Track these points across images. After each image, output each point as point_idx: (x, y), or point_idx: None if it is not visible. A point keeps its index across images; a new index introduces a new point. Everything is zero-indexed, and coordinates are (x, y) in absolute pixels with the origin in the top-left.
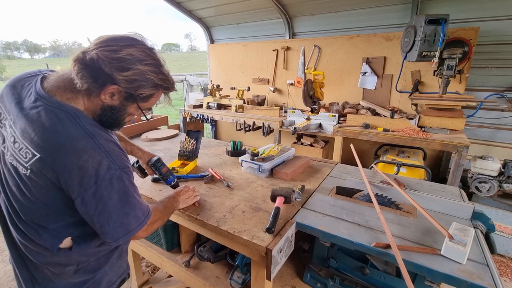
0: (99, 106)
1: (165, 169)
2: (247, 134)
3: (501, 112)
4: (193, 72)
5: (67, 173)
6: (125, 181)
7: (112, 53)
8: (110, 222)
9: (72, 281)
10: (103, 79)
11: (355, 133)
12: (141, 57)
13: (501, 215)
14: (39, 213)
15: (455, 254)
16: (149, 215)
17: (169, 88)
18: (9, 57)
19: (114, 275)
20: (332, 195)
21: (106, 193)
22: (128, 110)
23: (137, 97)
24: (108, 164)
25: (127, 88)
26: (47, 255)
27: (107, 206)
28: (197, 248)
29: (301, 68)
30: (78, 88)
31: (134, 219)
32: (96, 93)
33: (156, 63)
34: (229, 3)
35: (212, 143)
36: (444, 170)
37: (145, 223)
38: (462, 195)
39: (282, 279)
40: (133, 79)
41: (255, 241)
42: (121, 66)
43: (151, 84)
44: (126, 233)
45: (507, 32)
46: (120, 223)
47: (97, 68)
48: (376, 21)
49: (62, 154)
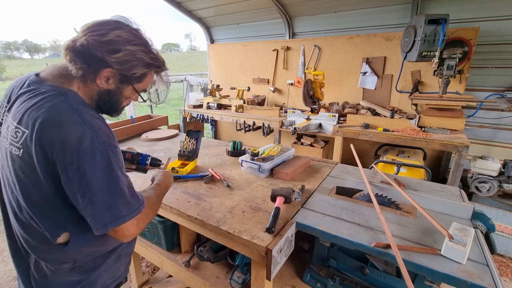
0: (96, 91)
1: (129, 154)
2: (247, 134)
3: (501, 112)
4: (193, 72)
5: (51, 147)
6: (111, 159)
7: (101, 37)
8: (96, 203)
9: (67, 279)
10: (96, 64)
11: (355, 133)
12: (129, 38)
13: (501, 215)
14: (35, 199)
15: (455, 254)
16: (144, 204)
17: (161, 66)
18: (9, 57)
19: (110, 278)
20: (332, 195)
21: (89, 168)
22: (124, 93)
23: (131, 77)
24: (91, 137)
25: (121, 70)
26: (45, 249)
27: (91, 184)
28: (197, 248)
29: (301, 68)
30: (74, 75)
31: (124, 204)
32: (91, 78)
33: (145, 43)
34: (229, 3)
35: (212, 143)
36: (444, 170)
37: (138, 212)
38: (462, 195)
39: (282, 279)
40: (125, 59)
41: (255, 241)
42: (111, 49)
43: (143, 63)
44: (115, 219)
45: (507, 32)
46: (107, 206)
47: (88, 54)
48: (376, 21)
49: (46, 127)
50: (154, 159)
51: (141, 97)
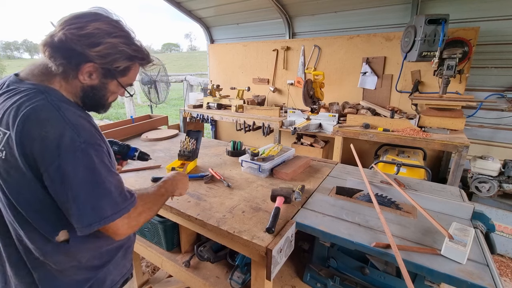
0: (79, 87)
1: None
2: (247, 134)
3: (501, 112)
4: (193, 72)
5: (32, 146)
6: (93, 158)
7: (79, 30)
8: (78, 203)
9: (75, 278)
10: (76, 59)
11: (355, 133)
12: (109, 30)
13: (501, 215)
14: (26, 201)
15: (455, 254)
16: (134, 203)
17: (145, 58)
18: (9, 57)
19: (118, 275)
20: (332, 195)
21: (70, 168)
22: (109, 88)
23: (115, 71)
24: (71, 136)
25: (103, 64)
26: (47, 250)
27: (72, 184)
28: (197, 248)
29: (301, 68)
30: (54, 72)
31: (109, 205)
32: (73, 74)
33: (126, 35)
34: (229, 3)
35: (212, 143)
36: (444, 170)
37: (126, 211)
38: (462, 195)
39: (282, 279)
40: (106, 53)
41: (255, 241)
42: (91, 42)
43: (125, 56)
44: (99, 220)
45: (507, 32)
46: (91, 206)
47: (68, 49)
48: (376, 21)
49: (26, 126)
50: (142, 153)
51: (127, 91)
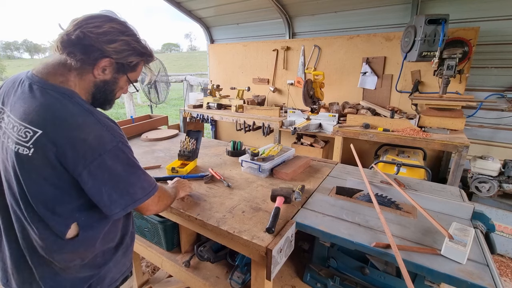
0: (92, 83)
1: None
2: (247, 134)
3: (501, 112)
4: (193, 72)
5: (71, 147)
6: (127, 153)
7: (97, 29)
8: (117, 191)
9: (78, 276)
10: (95, 54)
11: (355, 133)
12: (121, 29)
13: (501, 215)
14: (45, 196)
15: (455, 254)
16: (156, 188)
17: (151, 55)
18: (9, 57)
19: (118, 272)
20: (332, 195)
21: (111, 163)
22: (119, 83)
23: (127, 66)
24: (110, 137)
25: (118, 59)
26: (54, 248)
27: (113, 176)
28: (197, 248)
29: (301, 68)
30: (73, 66)
31: (140, 189)
32: (89, 70)
33: (135, 34)
34: (229, 3)
35: (212, 143)
36: (444, 170)
37: (152, 194)
38: (462, 195)
39: (282, 279)
40: (122, 49)
41: (255, 241)
42: (108, 39)
43: (137, 53)
44: (133, 202)
45: (507, 32)
46: (126, 192)
47: (86, 45)
48: (376, 21)
49: (64, 128)
50: None
51: (134, 86)
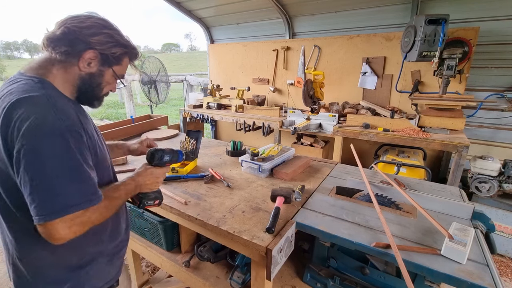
0: (77, 76)
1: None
2: (247, 134)
3: (501, 112)
4: (193, 72)
5: (11, 126)
6: (70, 144)
7: (80, 23)
8: (43, 188)
9: (49, 279)
10: (79, 46)
11: (355, 133)
12: (104, 24)
13: (501, 215)
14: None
15: (455, 254)
16: (101, 198)
17: (134, 49)
18: (9, 57)
19: (100, 281)
20: (332, 195)
21: (46, 151)
22: (105, 77)
23: (112, 58)
24: (53, 120)
25: (102, 50)
26: (24, 244)
27: (44, 166)
28: (197, 248)
29: (301, 68)
30: (57, 59)
31: (78, 191)
32: (74, 62)
33: (117, 29)
34: (229, 3)
35: (212, 143)
36: (444, 170)
37: (95, 203)
38: (462, 195)
39: (282, 279)
40: (106, 40)
41: (255, 241)
42: (91, 32)
43: (120, 44)
44: (64, 207)
45: (507, 32)
46: (56, 192)
47: (71, 38)
48: (376, 21)
49: (10, 108)
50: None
51: (121, 81)
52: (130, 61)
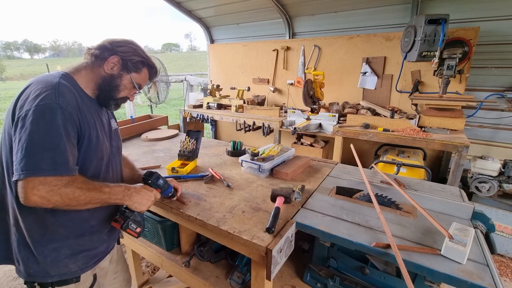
0: (101, 76)
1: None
2: (247, 134)
3: (501, 112)
4: (193, 72)
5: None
6: (57, 117)
7: (112, 40)
8: (25, 148)
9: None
10: (107, 52)
11: (355, 133)
12: (132, 43)
13: (501, 215)
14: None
15: (455, 254)
16: (72, 173)
17: (153, 66)
18: (9, 57)
19: (54, 270)
20: (332, 195)
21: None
22: (123, 80)
23: (131, 64)
24: (51, 96)
25: (123, 56)
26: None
27: (30, 131)
28: (197, 248)
29: (301, 68)
30: (88, 62)
31: (50, 159)
32: (100, 64)
33: (142, 48)
34: (229, 3)
35: (212, 143)
36: (444, 170)
37: (59, 173)
38: (462, 195)
39: (282, 279)
40: (128, 50)
41: (255, 241)
42: (119, 45)
43: (140, 56)
44: (34, 169)
45: (507, 32)
46: (32, 155)
47: (102, 46)
48: (376, 21)
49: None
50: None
51: (136, 87)
52: (150, 77)
